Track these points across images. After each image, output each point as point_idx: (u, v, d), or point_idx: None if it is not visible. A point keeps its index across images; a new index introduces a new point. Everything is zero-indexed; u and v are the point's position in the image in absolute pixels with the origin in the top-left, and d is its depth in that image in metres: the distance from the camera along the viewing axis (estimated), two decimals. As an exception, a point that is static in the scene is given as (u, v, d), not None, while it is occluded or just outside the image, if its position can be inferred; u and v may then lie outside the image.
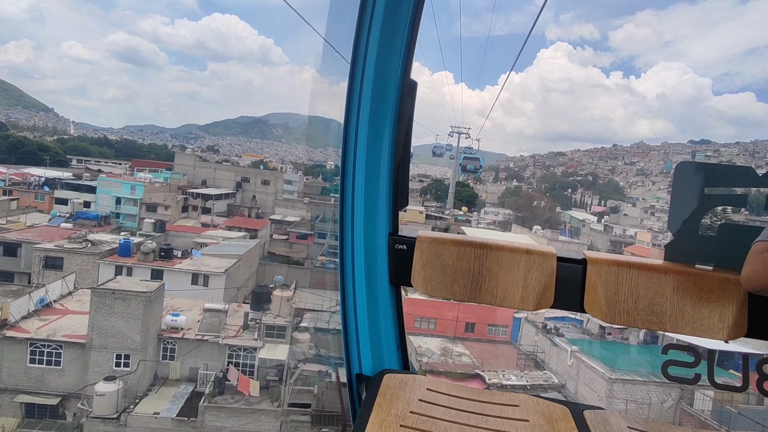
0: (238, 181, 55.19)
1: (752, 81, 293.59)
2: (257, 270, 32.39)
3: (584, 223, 64.52)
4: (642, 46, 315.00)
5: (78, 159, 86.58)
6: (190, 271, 24.47)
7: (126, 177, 49.84)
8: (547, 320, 23.59)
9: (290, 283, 33.03)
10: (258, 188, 55.31)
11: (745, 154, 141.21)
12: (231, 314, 20.05)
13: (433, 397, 1.42)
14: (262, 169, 60.29)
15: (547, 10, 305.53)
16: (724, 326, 1.38)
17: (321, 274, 33.13)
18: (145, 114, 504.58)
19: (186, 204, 49.43)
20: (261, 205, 54.85)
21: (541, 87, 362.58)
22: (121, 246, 25.15)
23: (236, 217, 44.17)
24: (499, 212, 78.39)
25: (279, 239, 48.08)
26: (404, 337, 1.85)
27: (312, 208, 55.81)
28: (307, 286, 33.80)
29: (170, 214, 46.80)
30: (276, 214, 54.22)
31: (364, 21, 1.56)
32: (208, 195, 49.25)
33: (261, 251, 41.37)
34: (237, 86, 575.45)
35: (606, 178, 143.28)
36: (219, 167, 56.80)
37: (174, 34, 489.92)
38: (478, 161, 39.16)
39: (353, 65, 1.61)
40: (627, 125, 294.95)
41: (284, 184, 64.16)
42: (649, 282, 1.45)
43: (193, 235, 33.07)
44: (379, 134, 1.67)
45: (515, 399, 1.46)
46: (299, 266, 34.43)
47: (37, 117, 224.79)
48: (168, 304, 20.12)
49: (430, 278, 1.60)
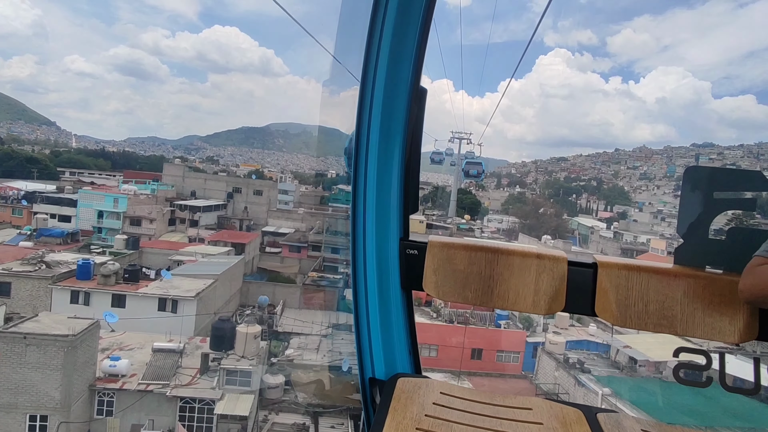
0: (229, 191, 52.16)
1: (752, 84, 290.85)
2: (241, 289, 29.13)
3: (593, 230, 61.09)
4: (640, 51, 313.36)
5: (71, 171, 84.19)
6: (156, 296, 21.23)
7: (109, 189, 46.81)
8: (569, 351, 20.22)
9: (277, 303, 29.75)
10: (250, 199, 52.23)
11: (750, 156, 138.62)
12: (192, 352, 16.71)
13: (447, 401, 1.42)
14: (254, 178, 57.08)
15: (545, 17, 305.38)
16: (734, 329, 1.37)
17: (311, 292, 29.88)
18: (147, 126, 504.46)
19: (173, 216, 46.37)
20: (253, 216, 51.74)
21: (540, 93, 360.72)
22: (79, 268, 21.97)
23: (222, 230, 41.00)
24: (503, 219, 75.00)
25: (271, 253, 44.94)
26: (416, 341, 1.85)
27: (307, 219, 52.66)
28: (296, 306, 30.52)
29: (156, 228, 43.75)
30: (269, 226, 51.11)
31: (375, 28, 1.57)
32: (196, 207, 46.17)
33: (250, 267, 38.17)
34: (238, 97, 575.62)
35: (611, 183, 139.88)
36: (209, 177, 53.82)
37: (175, 46, 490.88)
38: (481, 166, 38.01)
39: (365, 72, 1.61)
40: (628, 130, 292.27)
41: (279, 194, 61.13)
42: (659, 286, 1.44)
43: (170, 252, 29.86)
44: (390, 140, 1.67)
45: (529, 402, 1.45)
46: (289, 284, 31.13)
47: (39, 131, 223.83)
48: (114, 342, 16.74)
49: (442, 283, 1.60)
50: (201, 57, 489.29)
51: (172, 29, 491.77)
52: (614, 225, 61.58)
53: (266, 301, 27.42)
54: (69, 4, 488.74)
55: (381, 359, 1.78)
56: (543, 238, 43.54)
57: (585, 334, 25.57)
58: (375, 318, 1.76)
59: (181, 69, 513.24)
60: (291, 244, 44.01)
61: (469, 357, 23.05)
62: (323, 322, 28.60)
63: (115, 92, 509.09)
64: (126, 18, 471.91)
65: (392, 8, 1.53)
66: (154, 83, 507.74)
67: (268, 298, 27.60)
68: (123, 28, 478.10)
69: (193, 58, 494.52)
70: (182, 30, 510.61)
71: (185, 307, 21.19)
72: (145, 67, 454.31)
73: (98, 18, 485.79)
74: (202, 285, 22.80)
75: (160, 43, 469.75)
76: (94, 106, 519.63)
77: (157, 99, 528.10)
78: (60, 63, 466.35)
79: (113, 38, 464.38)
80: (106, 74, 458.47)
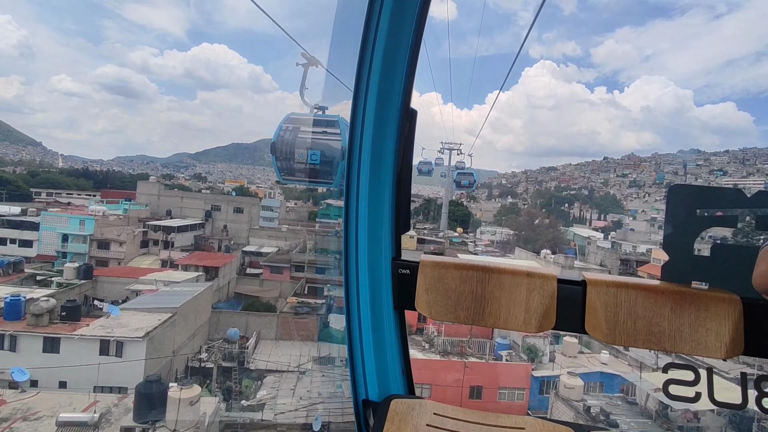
0: (208, 209, 48.81)
1: (732, 92, 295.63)
2: (210, 321, 25.68)
3: (589, 240, 58.41)
4: (623, 61, 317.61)
5: (49, 192, 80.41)
6: (97, 338, 17.79)
7: (79, 210, 43.23)
8: (588, 396, 17.03)
9: (251, 335, 26.31)
10: (230, 216, 48.90)
11: (736, 162, 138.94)
12: (118, 419, 13.15)
13: (441, 422, 1.42)
14: (234, 195, 53.76)
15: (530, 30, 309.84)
16: (721, 345, 1.38)
17: (289, 320, 26.51)
18: (136, 145, 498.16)
19: (146, 238, 42.85)
20: (234, 235, 48.35)
21: (527, 104, 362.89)
22: (6, 306, 18.47)
23: (195, 252, 37.53)
24: (496, 231, 72.26)
25: (251, 275, 41.52)
26: (409, 361, 1.83)
27: (291, 237, 49.37)
28: (273, 337, 27.09)
29: (125, 251, 40.20)
30: (250, 245, 47.75)
31: (366, 50, 1.58)
32: (170, 227, 42.70)
33: (225, 292, 34.68)
34: (227, 114, 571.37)
35: (602, 191, 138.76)
36: (186, 195, 50.40)
37: (163, 64, 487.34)
38: (472, 176, 35.37)
39: (356, 93, 1.63)
40: (614, 138, 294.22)
41: (262, 210, 57.85)
42: (647, 302, 1.45)
43: (129, 280, 26.38)
44: (381, 161, 1.68)
45: (521, 422, 1.46)
46: (265, 313, 27.73)
47: (24, 151, 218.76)
48: (19, 409, 13.03)
49: (434, 302, 1.59)
50: (189, 74, 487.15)
51: (160, 47, 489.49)
52: (611, 235, 58.95)
53: (236, 335, 24.01)
54: (55, 24, 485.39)
55: (374, 381, 1.75)
56: (542, 253, 40.61)
57: (597, 363, 22.48)
58: (368, 338, 1.74)
59: (169, 87, 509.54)
60: (272, 265, 40.64)
61: (468, 396, 19.79)
62: (302, 355, 25.24)
63: (103, 111, 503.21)
64: (113, 37, 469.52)
65: (383, 28, 1.54)
66: (143, 101, 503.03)
67: (238, 330, 24.20)
68: (110, 48, 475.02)
69: (182, 76, 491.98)
70: (170, 48, 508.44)
71: (133, 349, 17.77)
72: (133, 85, 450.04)
73: (85, 37, 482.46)
74: (156, 321, 19.42)
75: (148, 61, 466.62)
76: (81, 125, 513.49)
77: (145, 117, 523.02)
78: (46, 83, 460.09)
79: (100, 57, 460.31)
80: (93, 93, 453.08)
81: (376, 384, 1.76)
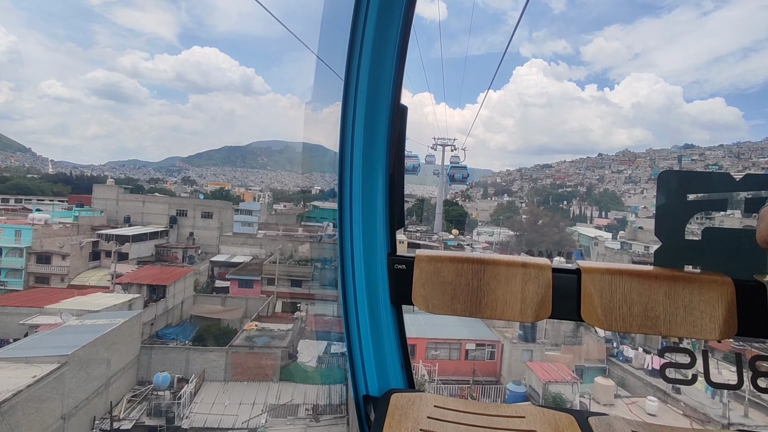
0: (173, 215, 42.62)
1: (720, 87, 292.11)
2: (139, 360, 19.60)
3: (596, 240, 52.79)
4: (613, 58, 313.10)
5: (17, 198, 74.14)
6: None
7: (14, 220, 36.97)
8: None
9: (194, 377, 20.24)
10: (198, 222, 42.76)
11: (731, 156, 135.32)
12: None
13: (442, 414, 1.41)
14: (201, 198, 47.37)
15: (520, 28, 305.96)
16: (715, 326, 1.39)
17: (242, 356, 20.47)
18: (128, 149, 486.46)
19: (97, 249, 36.66)
20: (202, 243, 42.22)
21: (519, 103, 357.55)
22: None
23: (144, 267, 31.29)
24: (494, 232, 66.54)
25: (220, 288, 35.49)
26: (408, 356, 1.83)
27: (270, 244, 43.25)
28: (222, 377, 21.02)
29: (69, 266, 33.98)
30: (221, 254, 41.64)
31: (354, 49, 1.57)
32: (124, 236, 36.53)
33: (178, 315, 28.56)
34: (220, 117, 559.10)
35: (601, 188, 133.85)
36: (149, 200, 44.04)
37: (154, 68, 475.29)
38: (466, 169, 36.13)
39: (346, 92, 1.62)
40: (606, 135, 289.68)
41: (240, 215, 51.71)
42: (641, 288, 1.45)
43: (33, 311, 20.12)
44: (373, 158, 1.67)
45: (522, 410, 1.45)
46: (211, 348, 21.66)
47: (13, 157, 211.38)
48: None
49: (431, 296, 1.58)
50: (181, 78, 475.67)
51: (151, 51, 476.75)
52: (620, 234, 53.19)
53: (166, 381, 17.95)
54: (45, 29, 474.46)
55: (374, 376, 1.74)
56: (556, 261, 34.77)
57: (641, 413, 16.57)
58: (366, 334, 1.74)
59: (161, 91, 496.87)
60: (240, 278, 34.56)
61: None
62: (257, 403, 19.20)
63: (94, 116, 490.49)
64: (103, 42, 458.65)
65: (371, 26, 1.53)
66: (134, 106, 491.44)
67: (168, 375, 18.12)
68: (101, 52, 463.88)
69: (173, 80, 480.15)
70: (161, 52, 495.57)
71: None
72: (124, 90, 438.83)
73: (75, 42, 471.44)
74: (30, 378, 13.42)
75: (138, 65, 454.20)
76: (72, 131, 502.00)
77: (137, 121, 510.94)
78: (36, 88, 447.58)
79: (90, 62, 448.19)
80: (84, 98, 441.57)
81: (375, 379, 1.73)
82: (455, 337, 19.89)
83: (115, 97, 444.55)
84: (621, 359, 20.17)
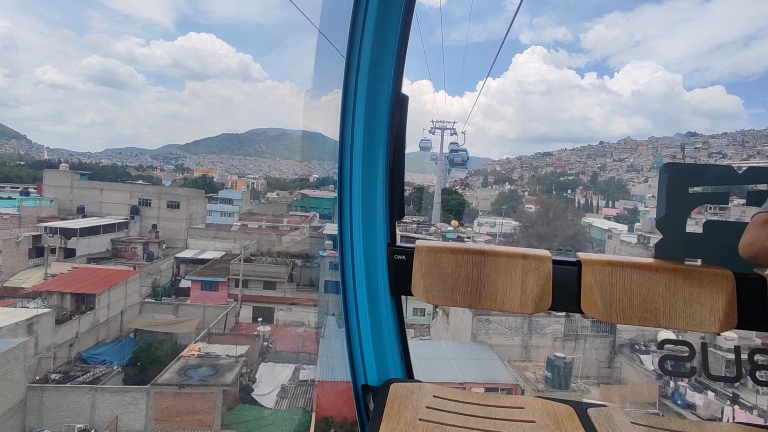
0: (134, 204, 36.72)
1: (721, 76, 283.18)
2: (25, 404, 13.97)
3: (610, 233, 46.97)
4: (613, 46, 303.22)
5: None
6: None
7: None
8: None
9: (106, 424, 14.62)
10: (163, 213, 36.88)
11: (735, 144, 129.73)
12: None
13: (440, 404, 1.40)
14: (167, 185, 41.25)
15: (520, 15, 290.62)
16: (715, 319, 1.36)
17: (171, 399, 14.82)
18: (125, 137, 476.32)
19: (39, 245, 30.91)
20: (168, 236, 36.43)
21: (519, 90, 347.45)
22: None
23: (74, 270, 25.52)
24: (496, 222, 60.72)
25: (183, 290, 29.89)
26: (407, 346, 1.81)
27: (244, 238, 37.42)
28: (142, 428, 15.39)
29: (2, 264, 28.26)
30: (189, 249, 35.91)
31: (355, 35, 1.54)
32: (71, 229, 30.74)
33: (117, 328, 22.91)
34: (217, 104, 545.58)
35: (605, 176, 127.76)
36: (108, 187, 37.96)
37: (150, 54, 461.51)
38: (466, 153, 34.84)
39: (346, 79, 1.59)
40: (606, 123, 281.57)
41: (216, 204, 45.84)
42: (641, 280, 1.42)
43: None
44: (373, 147, 1.64)
45: (520, 401, 1.44)
46: (129, 387, 15.98)
47: (8, 145, 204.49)
48: None
49: (431, 287, 1.56)
50: (177, 64, 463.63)
51: (146, 37, 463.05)
52: (637, 226, 47.37)
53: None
54: (39, 14, 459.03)
55: (373, 366, 1.72)
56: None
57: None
58: (365, 324, 1.71)
59: (157, 77, 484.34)
60: (203, 280, 28.87)
61: None
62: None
63: (91, 103, 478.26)
64: (98, 27, 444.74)
65: (372, 13, 1.50)
66: (131, 92, 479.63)
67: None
68: (96, 38, 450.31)
69: (169, 66, 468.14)
70: (157, 38, 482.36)
71: None
72: (120, 76, 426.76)
73: (69, 27, 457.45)
74: None
75: (134, 51, 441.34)
76: (69, 118, 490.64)
77: (134, 108, 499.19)
78: (31, 75, 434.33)
79: (86, 48, 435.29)
80: (80, 85, 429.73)
81: (374, 369, 1.71)
82: (456, 379, 14.34)
83: (112, 84, 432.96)
84: (680, 404, 14.66)
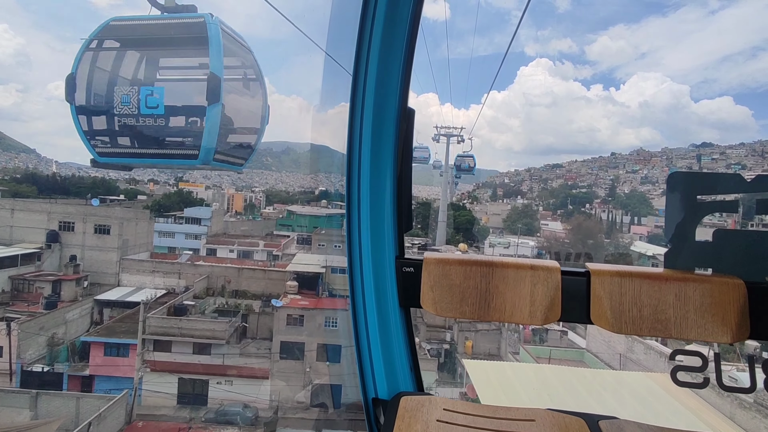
0: (52, 229, 27.86)
1: (729, 87, 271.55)
2: None
3: (655, 260, 37.10)
4: (619, 58, 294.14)
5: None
6: None
7: None
8: None
9: None
10: (89, 240, 27.94)
11: (755, 155, 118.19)
12: None
13: (451, 417, 1.37)
14: (95, 204, 32.22)
15: (525, 28, 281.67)
16: (727, 329, 1.32)
17: None
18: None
19: None
20: (93, 269, 27.46)
21: (524, 102, 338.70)
22: None
23: None
24: (509, 242, 51.18)
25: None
26: (417, 359, 1.77)
27: (188, 273, 28.31)
28: None
29: None
30: (120, 288, 26.90)
31: (362, 54, 1.53)
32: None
33: None
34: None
35: (623, 189, 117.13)
36: (20, 207, 29.07)
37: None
38: (473, 159, 33.30)
39: (353, 95, 1.58)
40: (613, 135, 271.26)
41: (185, 224, 37.09)
42: (651, 290, 1.39)
43: None
44: (380, 160, 1.62)
45: (531, 414, 1.40)
46: None
47: (18, 159, 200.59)
48: None
49: (439, 299, 1.52)
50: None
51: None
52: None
53: None
54: (53, 31, 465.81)
55: (383, 379, 1.67)
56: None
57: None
58: (375, 337, 1.66)
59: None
60: (107, 342, 19.78)
61: None
62: None
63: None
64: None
65: (377, 30, 1.49)
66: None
67: None
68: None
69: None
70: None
71: None
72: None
73: (80, 44, 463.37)
74: None
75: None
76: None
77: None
78: (44, 90, 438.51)
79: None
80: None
81: (384, 382, 1.66)
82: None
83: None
84: None
